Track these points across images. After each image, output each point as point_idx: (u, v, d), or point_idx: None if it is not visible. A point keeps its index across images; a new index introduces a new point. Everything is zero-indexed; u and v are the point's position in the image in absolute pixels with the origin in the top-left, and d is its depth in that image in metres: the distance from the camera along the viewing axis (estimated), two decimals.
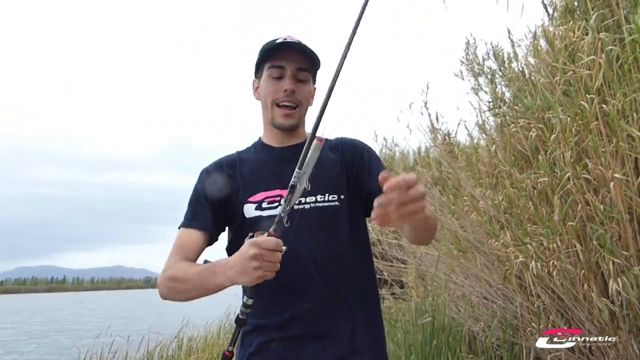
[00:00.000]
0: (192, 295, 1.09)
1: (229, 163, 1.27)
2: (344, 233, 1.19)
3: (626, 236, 2.09)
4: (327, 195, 1.19)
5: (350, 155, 1.26)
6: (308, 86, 1.23)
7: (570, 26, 2.43)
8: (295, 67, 1.19)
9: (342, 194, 1.20)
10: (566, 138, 2.26)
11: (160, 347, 5.31)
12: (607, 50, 2.18)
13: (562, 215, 2.28)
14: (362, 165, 1.24)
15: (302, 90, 1.21)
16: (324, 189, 1.19)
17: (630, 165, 2.10)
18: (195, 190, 1.25)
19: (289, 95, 1.19)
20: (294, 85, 1.19)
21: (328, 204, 1.18)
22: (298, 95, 1.20)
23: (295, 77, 1.20)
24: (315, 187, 1.17)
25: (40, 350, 10.44)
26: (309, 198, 1.17)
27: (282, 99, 1.19)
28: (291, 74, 1.19)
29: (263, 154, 1.27)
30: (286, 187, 1.15)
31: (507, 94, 3.32)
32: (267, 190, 1.19)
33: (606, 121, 2.17)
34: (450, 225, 3.57)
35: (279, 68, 1.19)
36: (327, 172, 1.21)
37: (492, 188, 3.05)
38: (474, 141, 4.07)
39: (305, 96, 1.23)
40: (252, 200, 1.19)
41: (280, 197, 1.18)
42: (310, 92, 1.25)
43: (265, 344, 1.15)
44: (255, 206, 1.18)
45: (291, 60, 1.19)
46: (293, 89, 1.18)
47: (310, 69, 1.23)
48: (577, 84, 2.30)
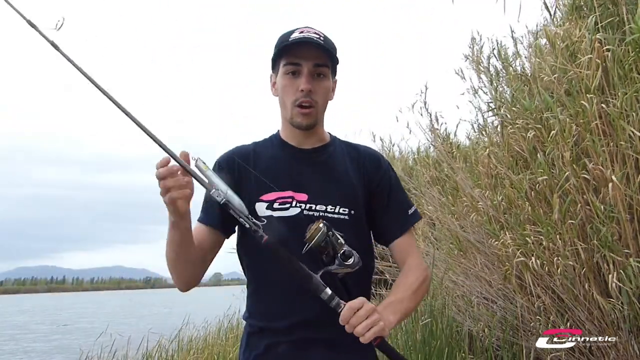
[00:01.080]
0: (176, 257, 1.12)
1: (243, 156, 1.23)
2: (352, 241, 1.14)
3: (626, 236, 2.09)
4: (337, 208, 1.16)
5: (374, 176, 1.24)
6: (326, 82, 1.19)
7: (571, 25, 2.44)
8: (313, 63, 1.15)
9: (354, 209, 1.18)
10: (565, 138, 2.26)
11: (160, 347, 5.30)
12: (607, 49, 2.18)
13: (562, 214, 2.28)
14: (381, 198, 1.23)
15: (320, 87, 1.17)
16: (336, 201, 1.17)
17: (631, 164, 2.10)
18: None
19: (306, 95, 1.15)
20: (311, 83, 1.15)
21: (337, 216, 1.16)
22: (315, 95, 1.16)
23: (313, 74, 1.16)
24: (327, 196, 1.17)
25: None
26: (319, 206, 1.15)
27: (300, 99, 1.15)
28: (308, 71, 1.15)
29: (280, 152, 1.24)
30: (299, 190, 1.17)
31: (507, 94, 3.31)
32: (280, 191, 1.17)
33: (608, 121, 2.17)
34: (450, 226, 3.57)
35: (296, 65, 1.15)
36: (342, 185, 1.20)
37: (491, 189, 3.05)
38: (474, 141, 4.07)
39: (323, 93, 1.19)
40: (265, 199, 1.17)
41: (292, 198, 1.16)
42: (328, 87, 1.20)
43: (273, 346, 1.13)
44: (267, 205, 1.16)
45: (308, 57, 1.14)
46: (310, 89, 1.14)
47: (329, 62, 1.18)
48: (578, 84, 2.31)
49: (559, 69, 2.43)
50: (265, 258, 1.08)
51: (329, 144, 1.26)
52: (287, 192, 1.16)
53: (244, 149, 1.26)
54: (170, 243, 1.08)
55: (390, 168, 1.28)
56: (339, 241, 1.01)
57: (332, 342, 1.11)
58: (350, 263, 1.00)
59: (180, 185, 0.97)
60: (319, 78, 1.17)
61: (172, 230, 1.05)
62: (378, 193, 1.23)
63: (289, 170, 1.20)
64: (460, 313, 3.43)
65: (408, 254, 1.21)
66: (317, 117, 1.19)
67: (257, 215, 1.15)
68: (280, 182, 1.17)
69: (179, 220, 1.02)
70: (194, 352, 5.20)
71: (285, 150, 1.24)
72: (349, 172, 1.22)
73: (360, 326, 0.95)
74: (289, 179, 1.18)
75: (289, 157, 1.23)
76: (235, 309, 6.89)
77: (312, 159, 1.22)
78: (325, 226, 1.00)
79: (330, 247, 1.00)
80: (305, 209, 1.15)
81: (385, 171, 1.26)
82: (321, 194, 1.17)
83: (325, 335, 1.11)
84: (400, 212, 1.24)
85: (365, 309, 0.97)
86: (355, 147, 1.30)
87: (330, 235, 1.00)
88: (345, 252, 1.00)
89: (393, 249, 1.22)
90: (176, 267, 1.13)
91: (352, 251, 1.01)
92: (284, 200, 1.16)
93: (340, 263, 1.00)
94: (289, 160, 1.22)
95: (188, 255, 1.12)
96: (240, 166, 1.21)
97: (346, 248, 1.01)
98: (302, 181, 1.18)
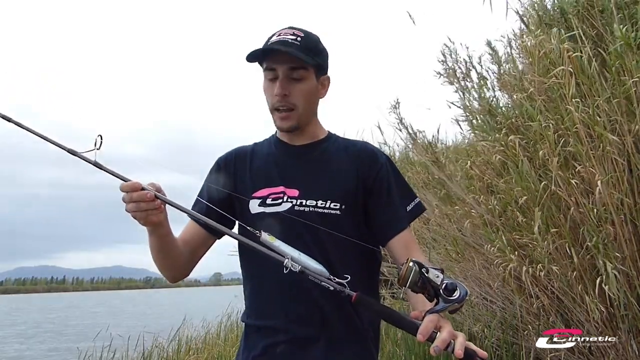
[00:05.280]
0: (157, 257, 1.14)
1: (240, 156, 1.26)
2: (345, 238, 1.12)
3: (620, 238, 2.09)
4: (328, 202, 1.14)
5: (370, 172, 1.19)
6: (305, 84, 1.16)
7: (543, 37, 2.46)
8: (287, 67, 1.13)
9: (345, 204, 1.15)
10: (551, 143, 2.28)
11: (159, 347, 5.30)
12: (576, 58, 2.21)
13: (544, 226, 2.29)
14: (379, 194, 1.19)
15: (297, 90, 1.15)
16: (327, 196, 1.15)
17: (620, 167, 2.11)
18: (204, 182, 1.26)
19: (281, 100, 1.14)
20: (286, 88, 1.14)
21: (328, 211, 1.14)
22: (291, 98, 1.15)
23: (288, 78, 1.14)
24: (318, 191, 1.15)
25: None
26: (309, 201, 1.14)
27: (276, 104, 1.15)
28: (283, 75, 1.14)
29: (274, 149, 1.26)
30: (290, 185, 1.16)
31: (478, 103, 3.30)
32: (271, 187, 1.18)
33: (589, 126, 2.19)
34: (448, 229, 3.57)
35: (272, 70, 1.15)
36: (334, 180, 1.18)
37: (485, 193, 3.03)
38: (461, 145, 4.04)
39: (303, 95, 1.16)
40: (257, 195, 1.18)
41: (283, 194, 1.16)
42: (308, 89, 1.17)
43: (271, 346, 1.12)
44: (260, 202, 1.17)
45: (282, 61, 1.13)
46: (284, 93, 1.14)
47: (307, 64, 1.14)
48: (556, 92, 2.33)
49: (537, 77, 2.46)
50: (260, 257, 1.02)
51: (322, 140, 1.25)
52: (279, 187, 1.17)
53: (243, 149, 1.29)
54: (150, 247, 1.11)
55: (389, 162, 1.24)
56: (437, 277, 0.88)
57: (330, 339, 1.10)
58: (456, 297, 0.85)
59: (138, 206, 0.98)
60: (296, 81, 1.15)
61: (149, 236, 1.08)
62: (375, 188, 1.19)
63: (281, 166, 1.21)
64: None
65: (411, 250, 1.15)
66: (299, 119, 1.18)
67: (250, 213, 1.17)
68: (271, 177, 1.19)
69: (151, 230, 1.06)
70: (193, 352, 5.21)
71: (278, 148, 1.25)
72: (343, 167, 1.20)
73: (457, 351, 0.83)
74: (279, 173, 1.19)
75: (281, 153, 1.24)
76: (235, 309, 6.90)
77: (304, 155, 1.23)
78: (416, 264, 0.88)
79: (429, 284, 0.88)
80: (296, 204, 1.14)
81: (382, 165, 1.21)
82: (312, 189, 1.16)
83: (324, 333, 1.10)
84: (400, 207, 1.20)
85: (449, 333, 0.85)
86: (352, 143, 1.28)
87: (425, 272, 0.88)
88: (447, 286, 0.86)
89: (393, 245, 1.17)
90: (160, 264, 1.17)
91: (454, 282, 0.86)
92: (276, 195, 1.16)
93: (445, 300, 0.86)
94: (281, 157, 1.23)
95: (170, 255, 1.15)
96: (237, 166, 1.24)
97: (447, 281, 0.86)
98: (293, 177, 1.19)
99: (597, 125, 2.11)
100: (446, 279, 0.87)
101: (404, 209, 1.20)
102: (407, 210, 1.20)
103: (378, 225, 1.19)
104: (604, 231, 2.09)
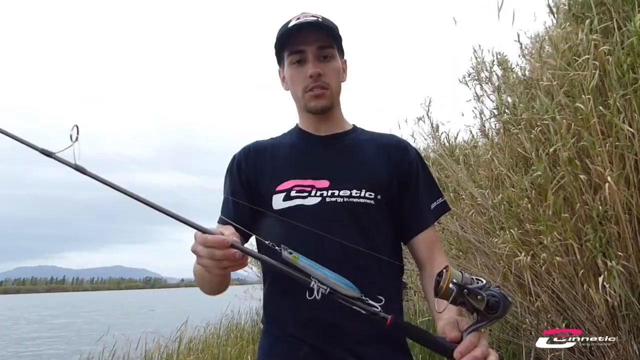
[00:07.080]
0: (203, 284, 1.05)
1: (258, 151, 1.18)
2: (379, 231, 1.09)
3: (625, 236, 2.09)
4: (363, 192, 1.07)
5: (401, 164, 1.14)
6: (335, 63, 1.12)
7: (572, 29, 2.44)
8: (316, 47, 1.09)
9: (380, 193, 1.09)
10: (563, 137, 2.27)
11: (160, 348, 5.30)
12: (605, 51, 2.19)
13: (558, 208, 2.27)
14: (408, 187, 1.14)
15: (329, 69, 1.11)
16: (361, 185, 1.08)
17: (630, 164, 2.10)
18: (225, 183, 1.19)
19: (316, 80, 1.09)
20: (319, 67, 1.09)
21: (363, 200, 1.07)
22: (325, 77, 1.10)
23: (319, 57, 1.10)
24: (352, 180, 1.09)
25: None
26: (343, 191, 1.07)
27: (310, 85, 1.10)
28: (313, 56, 1.09)
29: (298, 139, 1.18)
30: (319, 177, 1.08)
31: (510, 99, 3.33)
32: (298, 178, 1.09)
33: (606, 121, 2.18)
34: (451, 226, 3.58)
35: (300, 52, 1.10)
36: (367, 168, 1.12)
37: (492, 189, 3.05)
38: (472, 144, 4.08)
39: (335, 75, 1.13)
40: (281, 188, 1.09)
41: (312, 187, 1.07)
42: (338, 68, 1.14)
43: (293, 350, 1.04)
44: (284, 196, 1.08)
45: (310, 41, 1.09)
46: (319, 72, 1.09)
47: (333, 42, 1.12)
48: (578, 86, 2.31)
49: (558, 71, 2.44)
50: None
51: (348, 131, 1.20)
52: (307, 180, 1.09)
53: (261, 143, 1.21)
54: (200, 276, 1.01)
55: (419, 156, 1.19)
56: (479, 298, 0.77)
57: (354, 343, 1.01)
58: (497, 314, 0.77)
59: (216, 263, 0.81)
60: (326, 60, 1.11)
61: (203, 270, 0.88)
62: (404, 182, 1.13)
63: (307, 156, 1.14)
64: None
65: (434, 250, 1.10)
66: (333, 98, 1.13)
67: (273, 209, 1.07)
68: (299, 168, 1.11)
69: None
70: (193, 352, 5.20)
71: (302, 138, 1.18)
72: (374, 157, 1.14)
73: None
74: (308, 165, 1.12)
75: (306, 143, 1.17)
76: (235, 309, 6.90)
77: (331, 146, 1.15)
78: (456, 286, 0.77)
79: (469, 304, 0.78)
80: (327, 196, 1.06)
81: (412, 158, 1.16)
82: (344, 177, 1.09)
83: (346, 338, 1.01)
84: (427, 204, 1.15)
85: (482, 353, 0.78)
86: (381, 135, 1.23)
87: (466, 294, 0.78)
88: (490, 304, 0.76)
89: (417, 243, 1.12)
90: (206, 289, 1.08)
91: (497, 297, 0.77)
92: (302, 188, 1.08)
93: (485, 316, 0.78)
94: (307, 147, 1.16)
95: (222, 282, 1.06)
96: (256, 159, 1.16)
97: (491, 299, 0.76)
98: (322, 167, 1.10)
99: (615, 117, 2.06)
100: (488, 295, 0.77)
101: (430, 207, 1.15)
102: (432, 208, 1.15)
103: (406, 218, 1.13)
104: (608, 230, 2.08)
